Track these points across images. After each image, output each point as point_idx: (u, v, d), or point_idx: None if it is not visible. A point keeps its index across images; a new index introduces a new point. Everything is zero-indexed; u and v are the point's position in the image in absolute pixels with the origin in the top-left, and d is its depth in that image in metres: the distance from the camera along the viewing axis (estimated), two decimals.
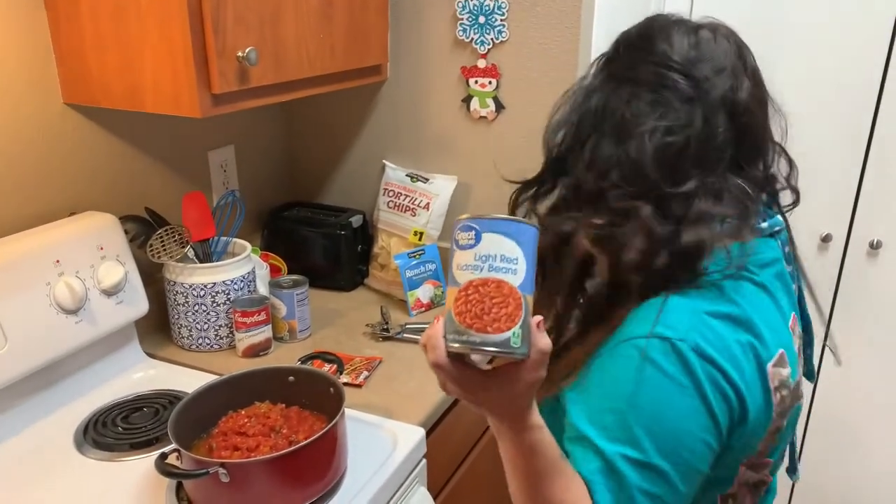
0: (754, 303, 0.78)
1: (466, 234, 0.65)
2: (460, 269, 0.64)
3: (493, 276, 0.63)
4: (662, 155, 0.75)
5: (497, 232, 0.64)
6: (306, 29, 1.33)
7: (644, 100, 0.77)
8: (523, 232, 0.64)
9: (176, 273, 1.40)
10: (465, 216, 0.66)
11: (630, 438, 0.72)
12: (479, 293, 0.63)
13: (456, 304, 0.63)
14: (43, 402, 1.22)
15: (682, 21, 0.82)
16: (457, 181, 1.69)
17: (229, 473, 0.92)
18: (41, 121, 1.27)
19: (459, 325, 0.63)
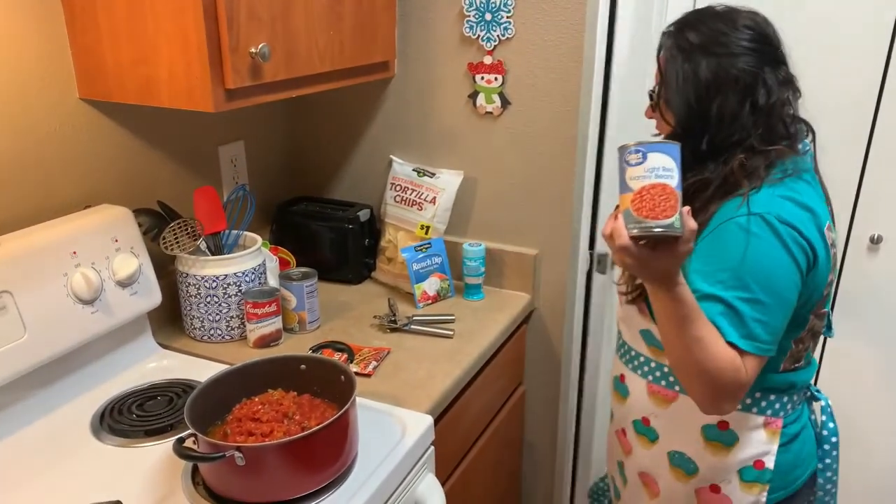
0: (807, 192, 1.09)
1: (636, 155, 0.91)
2: (633, 180, 0.91)
3: (658, 181, 0.90)
4: (775, 110, 1.08)
5: (659, 151, 0.91)
6: (316, 25, 1.36)
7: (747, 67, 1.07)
8: (674, 149, 0.91)
9: (188, 265, 1.43)
10: (632, 143, 0.92)
11: (741, 285, 1.01)
12: (650, 194, 0.90)
13: (633, 203, 0.90)
14: (60, 391, 1.25)
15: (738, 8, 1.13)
16: (463, 176, 1.71)
17: (245, 457, 0.94)
18: (57, 116, 1.29)
19: (637, 216, 0.90)
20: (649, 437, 1.25)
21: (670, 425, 1.22)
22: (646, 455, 1.27)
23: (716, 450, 1.18)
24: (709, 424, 1.18)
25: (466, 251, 1.68)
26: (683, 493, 1.23)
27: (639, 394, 1.25)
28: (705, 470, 1.20)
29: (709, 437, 1.18)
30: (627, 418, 1.29)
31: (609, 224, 0.95)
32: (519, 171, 1.67)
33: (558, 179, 1.63)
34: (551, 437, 1.88)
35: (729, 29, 1.08)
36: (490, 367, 1.56)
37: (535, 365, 1.82)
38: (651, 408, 1.24)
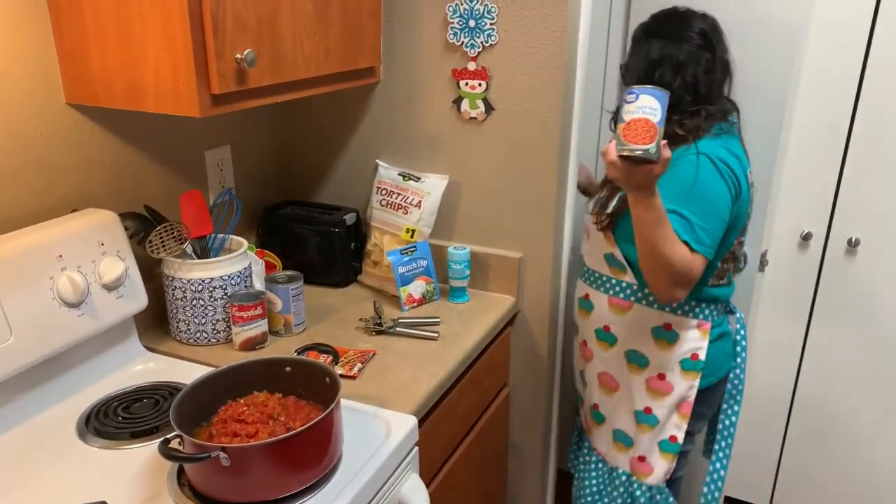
0: (736, 146, 1.48)
1: (631, 96, 1.20)
2: (626, 114, 1.19)
3: (644, 116, 1.18)
4: (701, 85, 1.47)
5: (648, 94, 1.19)
6: (302, 31, 1.38)
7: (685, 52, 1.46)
8: (661, 95, 1.20)
9: (174, 269, 1.44)
10: (635, 87, 1.20)
11: (692, 203, 1.38)
12: (636, 125, 1.18)
13: (622, 131, 1.19)
14: (46, 393, 1.25)
15: (694, 10, 1.51)
16: (448, 180, 1.73)
17: (230, 457, 0.95)
18: (44, 120, 1.30)
19: (624, 141, 1.19)
20: (609, 342, 1.62)
21: (626, 329, 1.59)
22: (605, 357, 1.64)
23: (662, 346, 1.56)
24: (657, 326, 1.56)
25: (451, 254, 1.69)
26: (637, 383, 1.61)
27: (601, 306, 1.62)
28: (654, 363, 1.58)
29: (657, 336, 1.56)
30: (591, 328, 1.66)
31: (607, 146, 1.24)
32: (503, 175, 1.69)
33: (542, 183, 1.66)
34: (536, 437, 1.90)
35: (682, 23, 1.48)
36: (475, 368, 1.58)
37: (520, 366, 1.84)
38: (611, 317, 1.60)
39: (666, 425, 1.60)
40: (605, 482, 1.75)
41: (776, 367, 2.14)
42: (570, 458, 1.95)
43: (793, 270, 2.04)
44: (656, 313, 1.55)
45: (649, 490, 1.67)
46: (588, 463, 1.80)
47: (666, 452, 1.63)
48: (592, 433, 1.77)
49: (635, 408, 1.63)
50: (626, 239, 1.51)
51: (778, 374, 2.14)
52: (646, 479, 1.66)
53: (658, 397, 1.59)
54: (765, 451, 2.25)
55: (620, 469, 1.70)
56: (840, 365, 2.05)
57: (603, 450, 1.74)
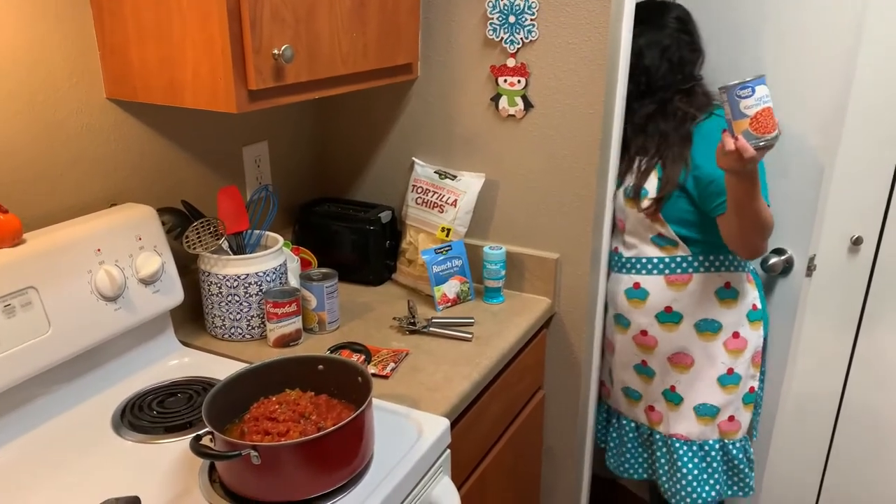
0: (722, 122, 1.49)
1: (746, 90, 1.26)
2: (748, 108, 1.27)
3: (765, 105, 1.27)
4: (685, 67, 1.65)
5: (760, 84, 1.26)
6: (340, 27, 1.37)
7: (667, 37, 1.64)
8: (764, 80, 1.27)
9: (210, 264, 1.44)
10: (736, 82, 1.26)
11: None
12: (763, 116, 1.26)
13: (751, 125, 1.27)
14: (83, 386, 1.26)
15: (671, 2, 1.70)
16: (484, 178, 1.71)
17: (261, 456, 0.95)
18: (84, 115, 1.32)
19: (756, 134, 1.27)
20: (674, 321, 1.67)
21: (691, 301, 1.66)
22: (673, 338, 1.68)
23: (729, 304, 1.66)
24: (720, 288, 1.65)
25: (487, 254, 1.67)
26: (715, 349, 1.67)
27: (658, 289, 1.67)
28: (727, 323, 1.66)
29: (721, 297, 1.65)
30: (650, 315, 1.69)
31: (730, 143, 1.29)
32: (541, 174, 1.66)
33: (580, 183, 1.62)
34: (571, 442, 1.87)
35: (662, 12, 1.66)
36: (509, 370, 1.55)
37: (556, 369, 1.81)
38: (672, 294, 1.66)
39: (746, 379, 1.71)
40: (699, 461, 1.75)
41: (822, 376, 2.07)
42: (599, 434, 1.99)
43: (842, 276, 1.96)
44: (716, 275, 1.64)
45: (740, 443, 1.76)
46: (672, 452, 1.77)
47: (748, 404, 1.74)
48: (665, 420, 1.77)
49: (718, 373, 1.69)
50: (678, 218, 1.62)
51: (825, 382, 2.07)
52: (736, 436, 1.74)
53: (738, 355, 1.68)
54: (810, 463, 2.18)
55: (710, 440, 1.74)
56: (890, 374, 1.97)
57: (682, 432, 1.75)
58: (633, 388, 1.82)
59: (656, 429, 1.80)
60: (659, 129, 1.63)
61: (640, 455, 1.89)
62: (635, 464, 1.90)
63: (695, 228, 1.63)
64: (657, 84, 1.64)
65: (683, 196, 1.60)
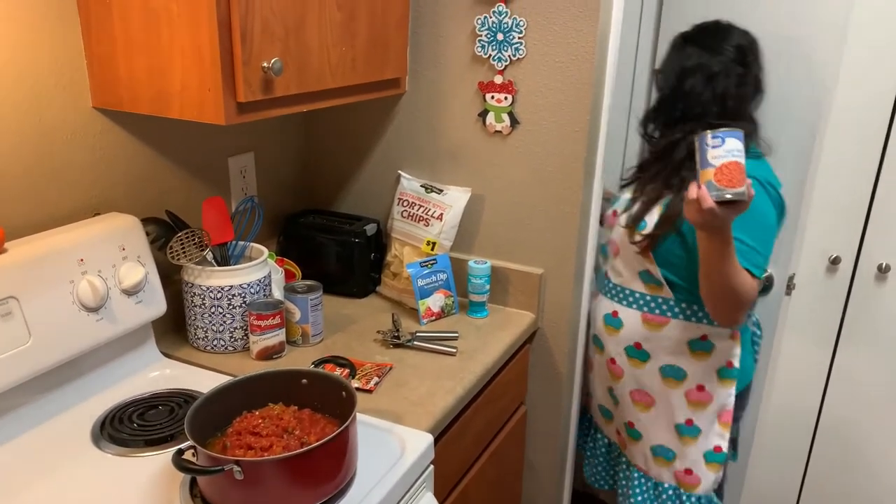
0: (768, 167, 1.53)
1: (716, 140, 1.23)
2: (714, 158, 1.23)
3: (733, 159, 1.22)
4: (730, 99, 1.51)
5: (733, 137, 1.23)
6: (329, 41, 1.37)
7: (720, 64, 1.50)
8: (741, 135, 1.24)
9: (194, 275, 1.43)
10: (710, 131, 1.24)
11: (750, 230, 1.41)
12: (728, 169, 1.22)
13: (715, 176, 1.23)
14: (62, 397, 1.25)
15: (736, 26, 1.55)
16: (470, 193, 1.71)
17: (244, 471, 0.94)
18: (70, 123, 1.31)
19: (719, 186, 1.23)
20: (641, 359, 1.63)
21: (661, 344, 1.59)
22: (637, 374, 1.64)
23: (699, 357, 1.58)
24: (694, 339, 1.57)
25: (472, 268, 1.68)
26: (676, 397, 1.61)
27: (632, 323, 1.62)
28: (692, 374, 1.59)
29: (693, 349, 1.58)
30: (620, 346, 1.65)
31: (693, 191, 1.26)
32: (526, 190, 1.67)
33: (566, 199, 1.63)
34: (552, 457, 1.87)
35: (721, 36, 1.52)
36: (492, 385, 1.56)
37: (538, 385, 1.82)
38: (645, 333, 1.61)
39: (709, 435, 1.62)
40: (651, 498, 1.74)
41: (800, 392, 2.09)
42: (579, 442, 1.98)
43: (820, 294, 2.00)
44: (693, 326, 1.56)
45: (699, 500, 1.68)
46: (630, 479, 1.78)
47: (712, 463, 1.64)
48: (629, 449, 1.77)
49: (676, 421, 1.63)
50: (666, 260, 1.54)
51: (802, 398, 2.10)
52: (695, 490, 1.67)
53: (699, 408, 1.61)
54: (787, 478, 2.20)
55: (666, 483, 1.70)
56: (866, 391, 2.00)
57: (642, 465, 1.74)
58: (606, 407, 1.82)
59: (623, 451, 1.81)
60: (675, 161, 1.52)
61: (610, 469, 1.91)
62: (605, 475, 1.92)
63: (682, 274, 1.54)
64: (693, 112, 1.51)
65: (678, 239, 1.51)
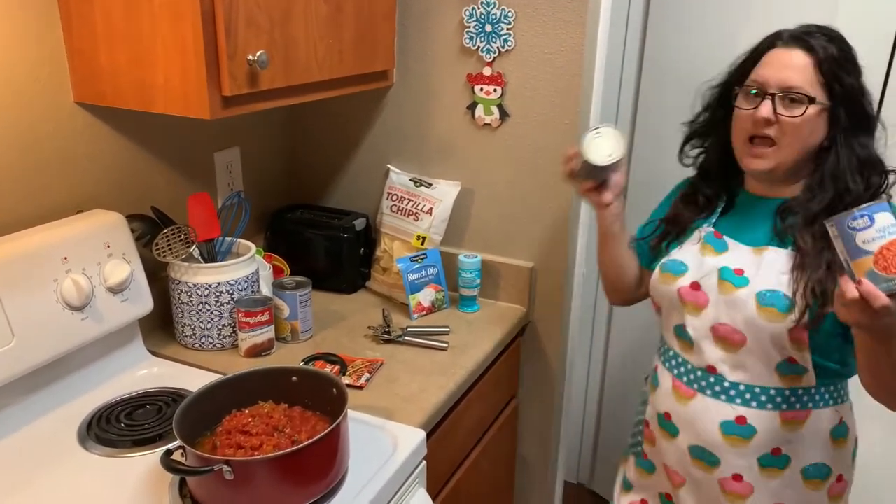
0: None
1: (862, 220, 0.97)
2: (867, 243, 0.96)
3: (892, 237, 0.95)
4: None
5: (882, 211, 0.96)
6: (315, 33, 1.35)
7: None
8: (886, 205, 0.97)
9: (181, 272, 1.41)
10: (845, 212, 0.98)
11: None
12: (890, 250, 0.94)
13: (877, 264, 0.95)
14: (48, 398, 1.23)
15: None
16: (460, 187, 1.70)
17: (234, 471, 0.93)
18: (51, 119, 1.28)
19: (887, 275, 0.94)
20: (780, 466, 1.25)
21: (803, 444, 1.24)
22: (773, 486, 1.26)
23: (839, 444, 1.26)
24: (835, 426, 1.25)
25: (462, 263, 1.67)
26: (819, 498, 1.27)
27: (769, 427, 1.24)
28: (836, 467, 1.27)
29: (835, 437, 1.25)
30: (751, 457, 1.26)
31: (850, 289, 0.95)
32: (516, 183, 1.66)
33: (556, 193, 1.63)
34: (544, 449, 1.87)
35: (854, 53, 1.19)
36: (484, 380, 1.55)
37: (529, 378, 1.81)
38: (785, 435, 1.24)
39: None
40: None
41: None
42: None
43: None
44: (832, 409, 1.25)
45: None
46: None
47: None
48: None
49: None
50: (825, 345, 1.18)
51: None
52: None
53: (838, 501, 1.31)
54: None
55: None
56: None
57: None
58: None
59: None
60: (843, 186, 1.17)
61: None
62: None
63: (836, 357, 1.20)
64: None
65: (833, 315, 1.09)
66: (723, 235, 1.27)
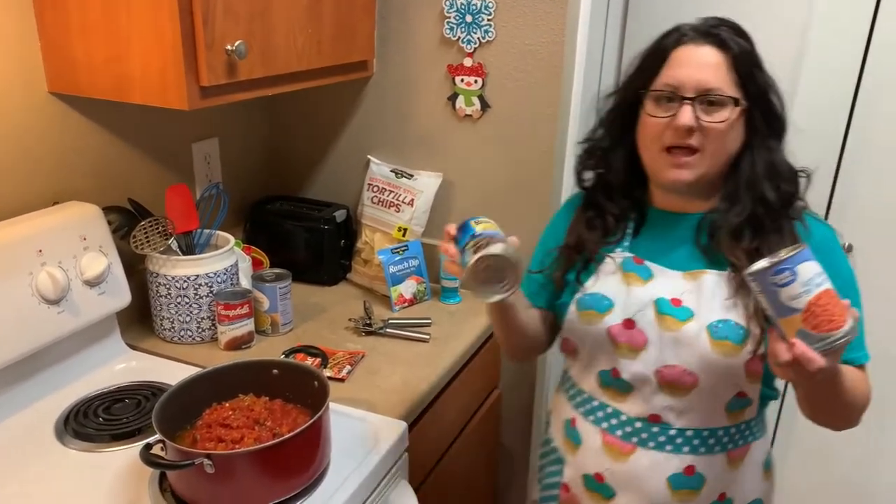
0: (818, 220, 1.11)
1: (784, 275, 0.85)
2: (793, 300, 0.85)
3: (820, 289, 0.84)
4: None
5: (804, 261, 0.85)
6: (295, 23, 1.34)
7: None
8: (809, 253, 0.86)
9: (159, 265, 1.40)
10: (765, 264, 0.86)
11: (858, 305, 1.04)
12: (819, 306, 0.84)
13: (806, 322, 0.84)
14: (24, 393, 1.21)
15: None
16: (441, 178, 1.70)
17: (214, 464, 0.92)
18: (25, 109, 1.26)
19: (818, 334, 0.84)
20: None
21: (745, 482, 1.12)
22: None
23: (768, 477, 1.18)
24: (766, 458, 1.16)
25: None
26: None
27: (717, 473, 1.10)
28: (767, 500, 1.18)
29: (766, 468, 1.16)
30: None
31: (782, 352, 0.85)
32: (498, 174, 1.66)
33: (537, 183, 1.63)
34: (527, 439, 1.88)
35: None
36: (466, 370, 1.55)
37: (511, 368, 1.82)
38: (731, 476, 1.11)
39: None
40: None
41: None
42: None
43: None
44: (763, 440, 1.15)
45: None
46: None
47: None
48: None
49: None
50: (771, 375, 1.07)
51: None
52: None
53: None
54: None
55: None
56: None
57: None
58: None
59: None
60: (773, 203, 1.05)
61: None
62: None
63: (775, 382, 1.11)
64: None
65: None
66: (643, 260, 1.09)
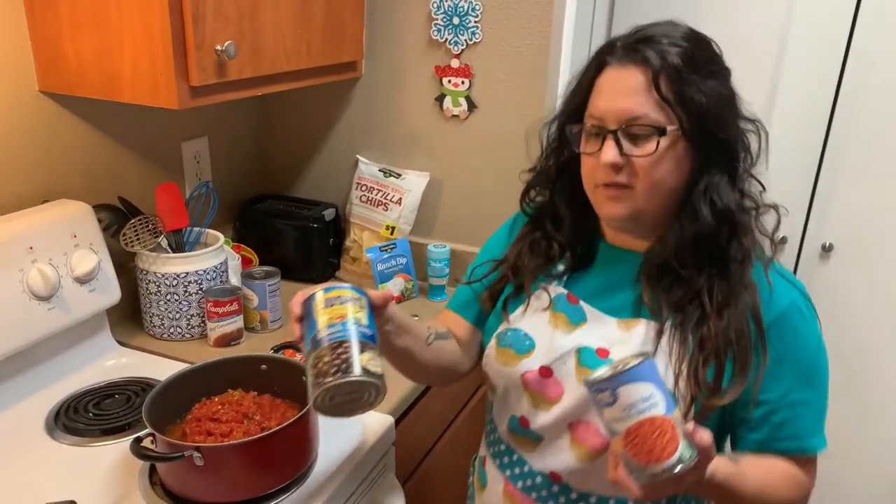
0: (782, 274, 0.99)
1: (604, 395, 0.75)
2: (615, 422, 0.75)
3: (643, 417, 0.73)
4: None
5: (629, 382, 0.74)
6: (284, 24, 1.35)
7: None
8: (644, 370, 0.74)
9: (149, 262, 1.41)
10: (597, 378, 0.75)
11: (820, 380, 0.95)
12: (639, 435, 0.73)
13: (626, 450, 0.74)
14: (14, 389, 1.22)
15: None
16: (429, 177, 1.72)
17: (203, 457, 0.94)
18: (15, 108, 1.27)
19: (639, 463, 0.74)
20: None
21: None
22: None
23: None
24: None
25: (431, 252, 1.69)
26: None
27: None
28: None
29: None
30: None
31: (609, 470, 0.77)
32: (485, 173, 1.69)
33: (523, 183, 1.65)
34: None
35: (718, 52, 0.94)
36: None
37: None
38: None
39: None
40: None
41: None
42: None
43: None
44: None
45: None
46: None
47: None
48: None
49: None
50: None
51: None
52: None
53: None
54: None
55: None
56: None
57: None
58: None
59: None
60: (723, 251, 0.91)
61: None
62: None
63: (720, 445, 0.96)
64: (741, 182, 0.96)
65: None
66: (579, 300, 0.97)
